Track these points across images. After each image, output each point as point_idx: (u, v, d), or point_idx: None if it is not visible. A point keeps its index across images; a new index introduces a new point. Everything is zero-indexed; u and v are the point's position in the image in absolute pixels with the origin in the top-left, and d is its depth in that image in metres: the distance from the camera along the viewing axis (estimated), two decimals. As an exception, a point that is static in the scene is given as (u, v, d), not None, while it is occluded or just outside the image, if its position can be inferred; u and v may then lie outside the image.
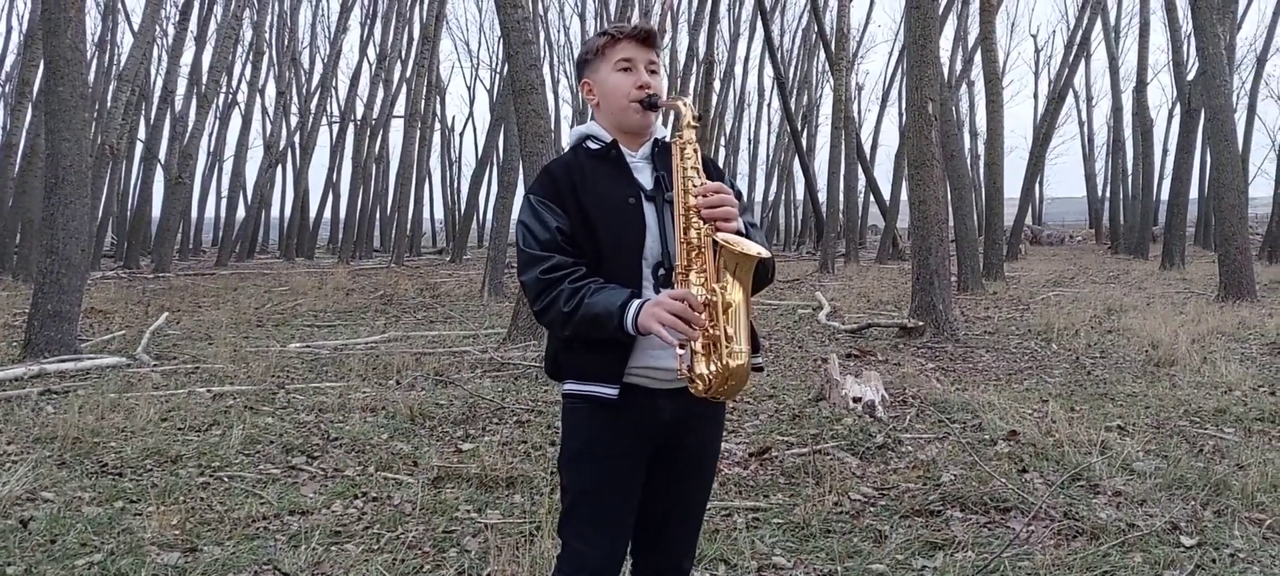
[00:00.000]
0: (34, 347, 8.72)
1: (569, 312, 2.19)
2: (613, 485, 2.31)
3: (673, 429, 2.33)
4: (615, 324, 2.16)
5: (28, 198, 19.17)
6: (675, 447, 2.36)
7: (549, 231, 2.25)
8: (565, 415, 2.36)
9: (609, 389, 2.25)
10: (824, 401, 6.57)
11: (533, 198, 2.31)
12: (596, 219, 2.27)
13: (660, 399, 2.29)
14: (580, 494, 2.33)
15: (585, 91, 2.42)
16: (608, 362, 2.26)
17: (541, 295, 2.23)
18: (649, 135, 2.40)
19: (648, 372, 2.27)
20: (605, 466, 2.30)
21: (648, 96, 2.33)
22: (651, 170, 2.37)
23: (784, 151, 45.64)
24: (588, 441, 2.31)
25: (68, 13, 9.01)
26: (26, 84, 20.99)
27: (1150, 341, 9.34)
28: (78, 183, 9.03)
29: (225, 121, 38.38)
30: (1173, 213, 22.33)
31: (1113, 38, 35.59)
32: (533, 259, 2.25)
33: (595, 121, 2.42)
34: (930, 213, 10.64)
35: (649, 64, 2.35)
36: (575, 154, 2.38)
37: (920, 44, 10.95)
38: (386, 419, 6.27)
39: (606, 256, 2.26)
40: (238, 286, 18.56)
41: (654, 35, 2.40)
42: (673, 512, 2.43)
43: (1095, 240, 40.84)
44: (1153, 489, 4.60)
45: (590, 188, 2.30)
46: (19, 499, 4.51)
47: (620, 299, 2.18)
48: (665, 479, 2.39)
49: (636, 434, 2.30)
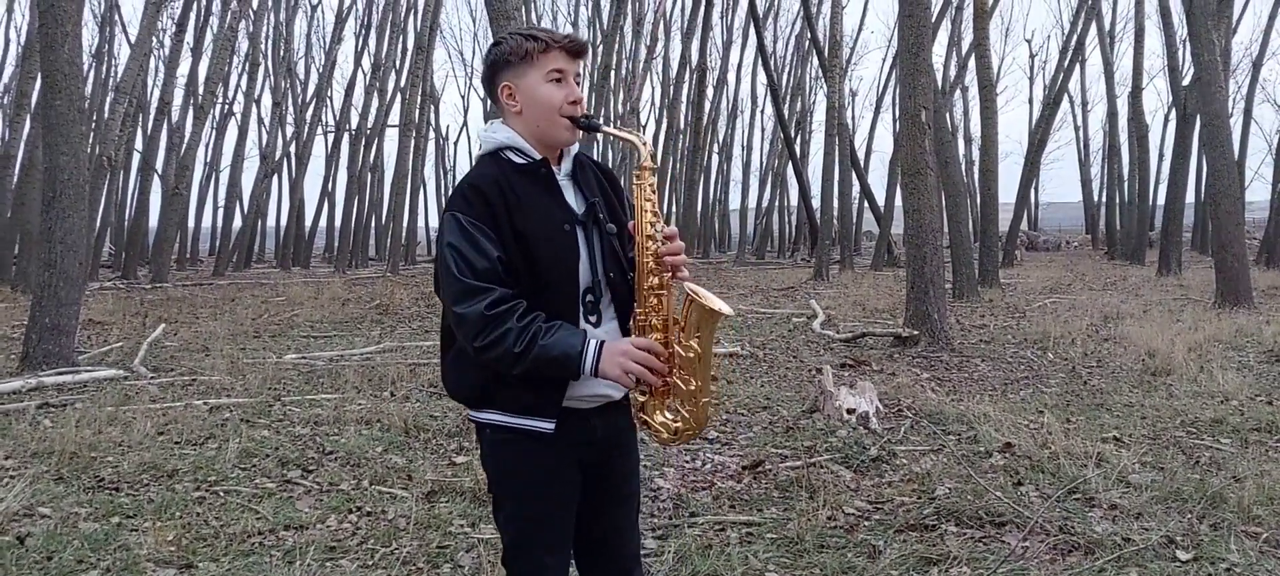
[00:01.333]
0: (32, 360, 8.72)
1: (520, 353, 2.11)
2: (558, 508, 2.32)
3: (603, 446, 2.35)
4: (574, 369, 2.14)
5: (26, 209, 19.14)
6: (605, 464, 2.38)
7: (489, 260, 2.14)
8: (496, 446, 2.30)
9: (546, 424, 2.24)
10: (818, 413, 6.58)
11: (463, 218, 2.16)
12: (533, 246, 2.19)
13: (593, 418, 2.31)
14: (528, 522, 2.31)
15: (505, 96, 2.27)
16: (547, 396, 2.23)
17: (484, 332, 2.11)
18: (568, 151, 2.34)
19: (581, 399, 2.28)
20: (551, 492, 2.30)
21: (584, 117, 2.26)
22: (575, 190, 2.32)
23: (777, 158, 45.67)
24: (530, 472, 2.28)
25: (65, 27, 9.02)
26: (24, 96, 20.98)
27: (1147, 350, 9.36)
28: (75, 196, 9.03)
29: (222, 132, 38.37)
30: (1169, 218, 22.37)
31: (1108, 43, 35.68)
32: (471, 290, 2.12)
33: (508, 128, 2.29)
34: (924, 220, 10.66)
35: (575, 77, 2.28)
36: (499, 167, 2.25)
37: (913, 52, 10.98)
38: (381, 431, 6.27)
39: (542, 284, 2.20)
40: (235, 297, 18.55)
41: (585, 48, 2.32)
42: (612, 531, 2.45)
43: (1092, 246, 40.91)
44: (1149, 502, 4.61)
45: (526, 211, 2.20)
46: (16, 515, 4.51)
47: (577, 342, 2.15)
48: (601, 500, 2.40)
49: (574, 456, 2.31)
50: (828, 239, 24.03)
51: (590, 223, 2.28)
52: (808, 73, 42.72)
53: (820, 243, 23.69)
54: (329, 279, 24.40)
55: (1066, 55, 31.54)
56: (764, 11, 37.14)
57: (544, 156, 2.27)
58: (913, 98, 10.83)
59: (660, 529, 4.40)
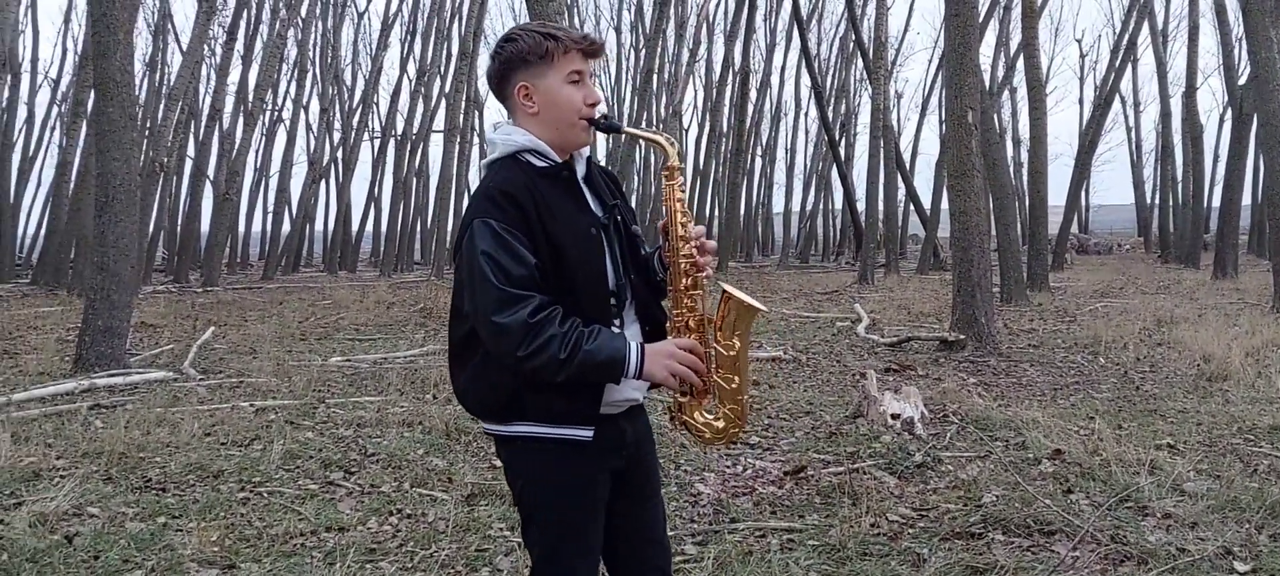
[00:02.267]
0: (85, 362, 8.88)
1: (565, 359, 2.07)
2: (591, 515, 2.30)
3: (632, 448, 2.34)
4: (619, 371, 2.12)
5: (82, 215, 19.54)
6: (632, 466, 2.36)
7: (526, 267, 2.09)
8: (529, 458, 2.25)
9: (584, 431, 2.21)
10: (861, 418, 6.49)
11: (496, 224, 2.10)
12: (566, 250, 2.15)
13: (622, 421, 2.30)
14: (563, 533, 2.28)
15: (521, 96, 2.22)
16: (584, 403, 2.19)
17: (528, 340, 2.06)
18: (581, 154, 2.30)
19: (612, 403, 2.26)
20: (585, 500, 2.28)
21: (603, 118, 2.23)
22: (592, 194, 2.30)
23: (821, 161, 45.43)
24: (567, 480, 2.25)
25: (116, 35, 9.18)
26: (81, 104, 21.47)
27: (1202, 355, 9.14)
28: (127, 201, 9.19)
29: (271, 138, 39.01)
30: (1225, 220, 21.87)
31: (1160, 42, 35.01)
32: (511, 299, 2.07)
33: (525, 130, 2.24)
34: (971, 223, 10.51)
35: (591, 77, 2.26)
36: (523, 171, 2.19)
37: (960, 52, 10.84)
38: (423, 433, 6.29)
39: (577, 290, 2.16)
40: (283, 300, 18.79)
41: (602, 50, 2.29)
42: (643, 529, 2.43)
43: (1144, 249, 40.16)
44: (1204, 511, 4.48)
45: (555, 215, 2.16)
46: (65, 514, 4.58)
47: (620, 345, 2.13)
48: (631, 501, 2.39)
49: (607, 461, 2.29)
50: (873, 242, 23.82)
51: (611, 226, 2.27)
52: (852, 75, 42.47)
53: (865, 246, 23.48)
54: (374, 282, 24.65)
55: (1118, 55, 31.01)
56: (808, 14, 36.98)
57: (564, 160, 2.24)
58: (959, 98, 10.68)
59: (700, 534, 4.36)
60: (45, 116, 37.17)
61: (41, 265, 24.20)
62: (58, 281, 21.64)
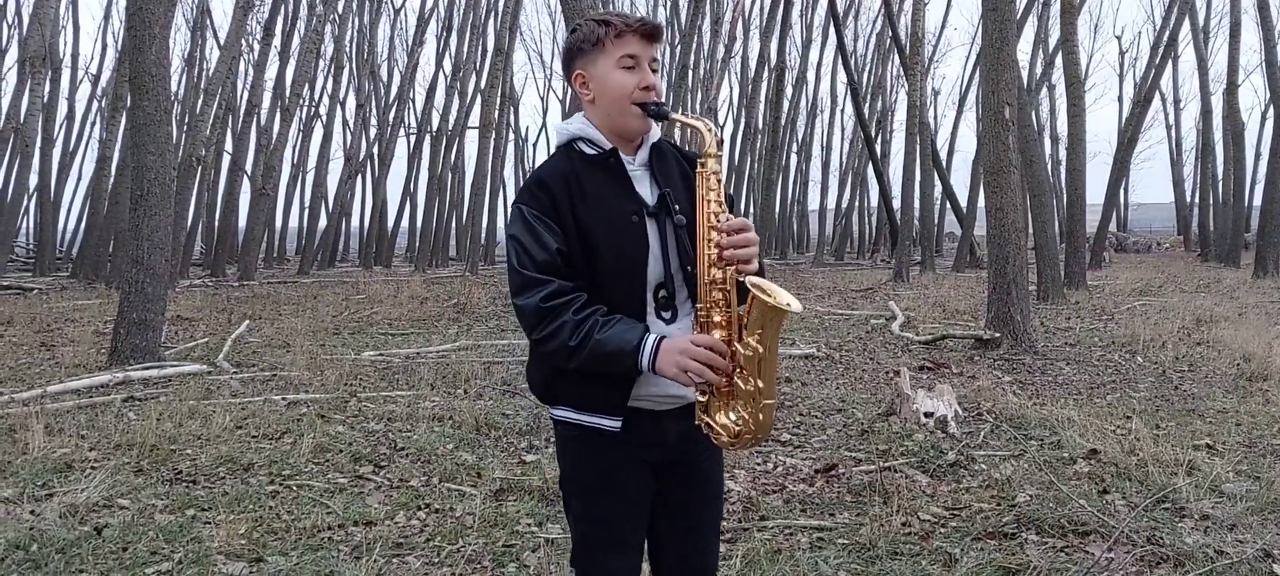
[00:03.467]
0: (120, 355, 8.98)
1: (576, 347, 2.06)
2: (625, 508, 2.24)
3: (677, 449, 2.24)
4: (630, 363, 2.05)
5: (120, 209, 19.80)
6: (679, 468, 2.27)
7: (548, 253, 2.09)
8: (564, 443, 2.25)
9: (612, 421, 2.16)
10: (894, 416, 6.42)
11: (527, 210, 2.12)
12: (596, 238, 2.12)
13: (665, 420, 2.21)
14: (594, 523, 2.25)
15: (578, 84, 2.21)
16: (610, 394, 2.15)
17: (541, 324, 2.08)
18: (645, 139, 2.24)
19: (652, 398, 2.18)
20: (616, 492, 2.22)
21: (655, 104, 2.17)
22: (650, 180, 2.22)
23: (857, 158, 45.11)
24: (596, 470, 2.21)
25: (152, 30, 9.27)
26: (119, 99, 21.73)
27: (1242, 354, 8.96)
28: (162, 195, 9.28)
29: (307, 133, 39.29)
30: (1266, 219, 21.45)
31: (1201, 38, 34.41)
32: (530, 282, 2.09)
33: (585, 119, 2.22)
34: (1008, 220, 10.37)
35: (651, 61, 2.18)
36: (568, 159, 2.19)
37: (996, 47, 10.69)
38: (453, 428, 6.29)
39: (607, 279, 2.13)
40: (318, 294, 18.93)
41: (660, 31, 2.22)
42: (688, 536, 2.34)
43: (1183, 248, 39.51)
44: (1244, 513, 4.38)
45: (590, 201, 2.13)
46: (96, 505, 4.62)
47: (634, 337, 2.06)
48: (676, 502, 2.30)
49: (644, 456, 2.22)
50: (908, 239, 23.60)
51: (663, 214, 2.18)
52: (888, 71, 42.12)
53: (901, 243, 23.28)
54: (409, 278, 24.77)
55: (1158, 51, 30.53)
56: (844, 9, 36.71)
57: (614, 146, 2.19)
58: (996, 94, 10.54)
59: (729, 532, 4.31)
60: (85, 111, 37.53)
61: (81, 258, 24.58)
62: (96, 274, 21.96)
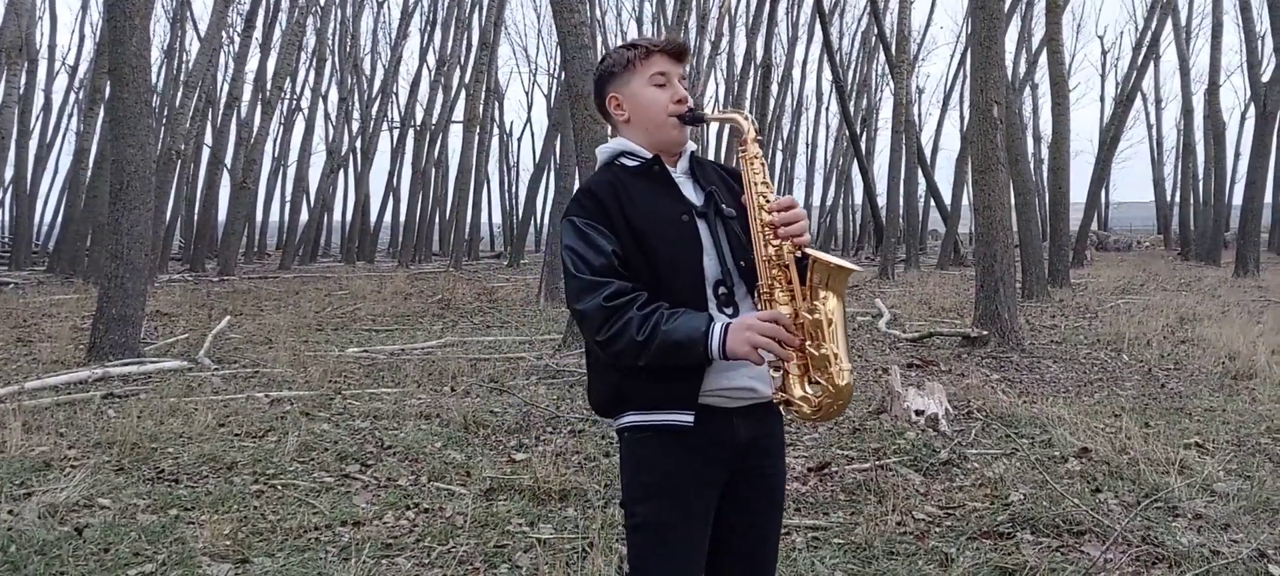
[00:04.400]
0: (98, 350, 8.86)
1: (644, 341, 2.05)
2: (691, 517, 2.19)
3: (747, 450, 2.21)
4: (700, 350, 2.05)
5: (98, 202, 19.60)
6: (749, 472, 2.23)
7: (604, 255, 2.11)
8: (629, 449, 2.22)
9: (685, 416, 2.14)
10: (885, 414, 6.38)
11: (577, 221, 2.16)
12: (650, 238, 2.14)
13: (735, 418, 2.18)
14: (658, 530, 2.19)
15: (613, 107, 2.28)
16: (681, 388, 2.13)
17: (606, 324, 2.08)
18: (683, 150, 2.29)
19: (723, 393, 2.15)
20: (683, 498, 2.17)
21: (689, 111, 2.23)
22: (694, 185, 2.26)
23: (842, 156, 45.17)
24: (664, 473, 2.17)
25: (133, 21, 9.14)
26: (98, 91, 21.51)
27: (1227, 352, 8.99)
28: (142, 188, 9.16)
29: (289, 127, 39.09)
30: (1247, 218, 21.60)
31: (1183, 38, 34.67)
32: (590, 286, 2.10)
33: (624, 138, 2.28)
34: (995, 218, 10.37)
35: (680, 79, 2.26)
36: (613, 171, 2.25)
37: (985, 45, 10.69)
38: (440, 426, 6.22)
39: (665, 277, 2.14)
40: (299, 290, 18.79)
41: (686, 51, 2.30)
42: (752, 547, 2.29)
43: (1164, 246, 39.80)
44: (1236, 512, 4.36)
45: (638, 206, 2.16)
46: (76, 505, 4.53)
47: (701, 323, 2.06)
48: (744, 510, 2.26)
49: (714, 458, 2.18)
50: (893, 237, 23.63)
51: (712, 213, 2.21)
52: (874, 69, 42.16)
53: (886, 241, 23.31)
54: (392, 273, 24.64)
55: (1140, 51, 30.69)
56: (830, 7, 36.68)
57: (655, 155, 2.24)
58: (984, 91, 10.54)
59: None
60: (62, 103, 37.27)
61: (58, 252, 24.32)
62: (74, 269, 21.73)
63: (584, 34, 9.82)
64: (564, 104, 20.16)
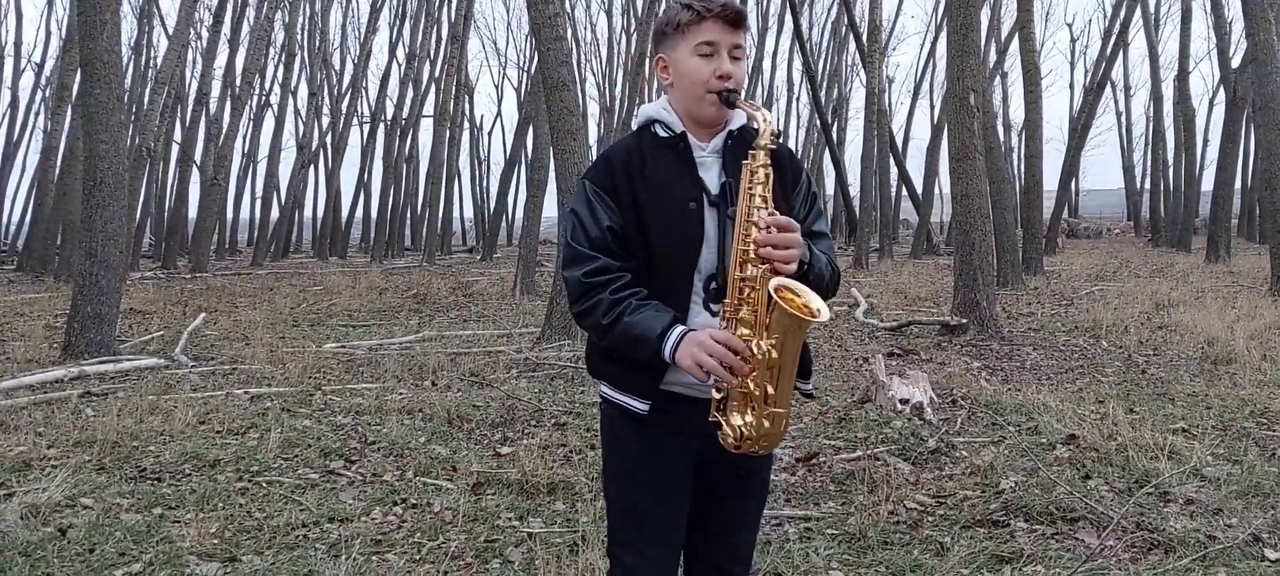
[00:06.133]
0: (74, 349, 8.72)
1: (607, 325, 2.07)
2: (661, 496, 2.19)
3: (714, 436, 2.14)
4: (652, 350, 2.04)
5: (68, 200, 19.32)
6: (720, 458, 2.19)
7: (600, 229, 2.11)
8: (605, 424, 2.25)
9: (640, 404, 2.14)
10: (870, 403, 6.39)
11: (588, 185, 2.16)
12: (651, 220, 2.10)
13: (702, 406, 2.12)
14: (629, 509, 2.21)
15: (659, 68, 2.21)
16: (640, 377, 2.13)
17: (582, 298, 2.11)
18: (723, 126, 2.20)
19: (691, 385, 2.11)
20: (651, 479, 2.19)
21: (726, 91, 2.12)
22: (721, 168, 2.17)
23: (814, 146, 45.26)
24: (632, 455, 2.19)
25: (103, 16, 8.99)
26: (65, 88, 21.19)
27: (1205, 338, 9.07)
28: (115, 185, 9.01)
29: (259, 123, 38.65)
30: (1217, 204, 21.84)
31: (1152, 26, 34.97)
32: (578, 256, 2.12)
33: (666, 104, 2.22)
34: (974, 206, 10.41)
35: (733, 49, 2.13)
36: (639, 139, 2.21)
37: (961, 33, 10.72)
38: (424, 421, 6.16)
39: (657, 262, 2.11)
40: (273, 286, 18.60)
41: (743, 17, 2.18)
42: (726, 524, 2.30)
43: (1134, 232, 40.21)
44: (1228, 496, 4.38)
45: (650, 181, 2.12)
46: (58, 505, 4.44)
47: (660, 325, 2.04)
48: (716, 493, 2.26)
49: (680, 443, 2.17)
50: (866, 227, 23.71)
51: (724, 203, 2.14)
52: (845, 59, 42.27)
53: (859, 231, 23.38)
54: (366, 269, 24.45)
55: (1109, 40, 30.90)
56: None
57: (684, 130, 2.17)
58: (961, 79, 10.57)
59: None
60: (29, 101, 36.59)
61: (27, 251, 23.94)
62: (44, 267, 21.40)
63: (558, 24, 9.73)
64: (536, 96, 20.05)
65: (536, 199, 17.33)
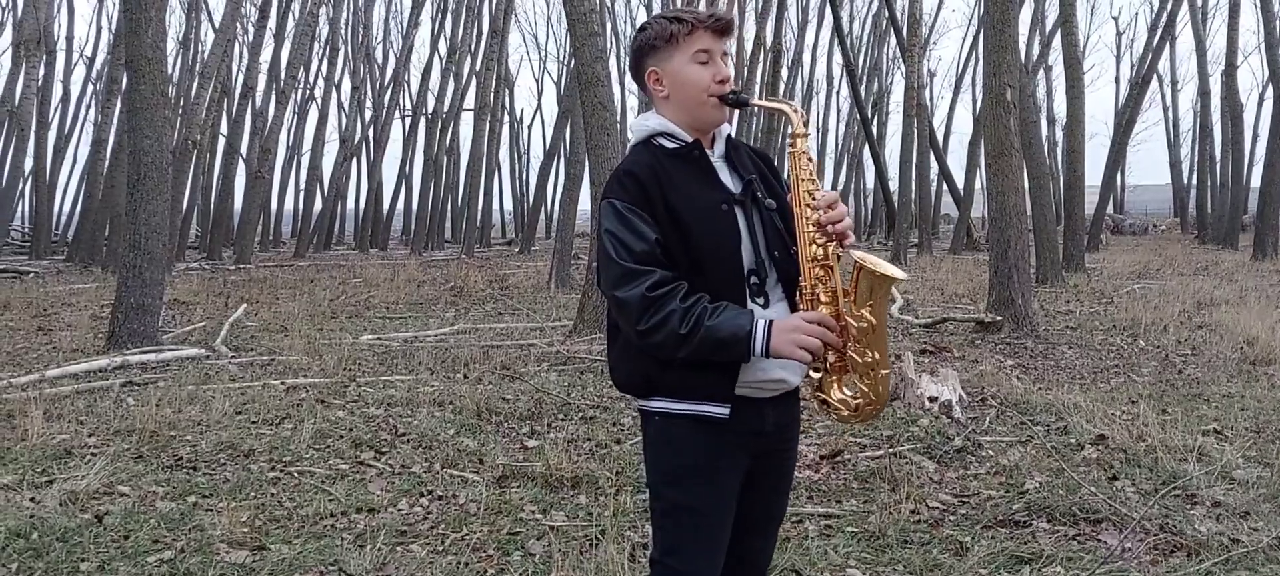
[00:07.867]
0: (117, 339, 8.92)
1: (686, 335, 2.05)
2: (719, 501, 2.22)
3: (772, 436, 2.24)
4: (743, 349, 2.06)
5: (116, 192, 19.67)
6: (771, 457, 2.27)
7: (646, 243, 2.09)
8: (659, 432, 2.21)
9: (720, 409, 2.15)
10: (898, 401, 6.37)
11: (619, 204, 2.13)
12: (691, 226, 2.13)
13: (766, 408, 2.20)
14: (686, 513, 2.21)
15: (652, 82, 2.23)
16: (719, 380, 2.14)
17: (647, 315, 2.06)
18: (719, 132, 2.27)
19: (756, 385, 2.16)
20: (714, 483, 2.20)
21: (732, 93, 2.19)
22: (730, 171, 2.24)
23: (853, 140, 45.00)
24: (696, 459, 2.18)
25: (148, 12, 9.16)
26: (115, 82, 21.58)
27: (1245, 338, 8.93)
28: (159, 178, 9.19)
29: (303, 116, 39.08)
30: (1265, 201, 21.42)
31: (1199, 19, 34.30)
32: (630, 273, 2.08)
33: (660, 115, 2.25)
34: (1009, 203, 10.32)
35: (722, 56, 2.21)
36: (651, 153, 2.21)
37: (998, 28, 10.62)
38: (453, 414, 6.24)
39: (705, 267, 2.13)
40: (314, 278, 18.85)
41: (732, 26, 2.25)
42: (762, 525, 2.36)
43: (1180, 230, 39.51)
44: (1256, 499, 4.34)
45: (679, 191, 2.14)
46: (96, 493, 4.56)
47: (746, 321, 2.07)
48: (759, 491, 2.30)
49: (743, 446, 2.21)
50: (905, 222, 23.54)
51: (749, 202, 2.20)
52: (885, 53, 41.94)
53: (898, 226, 23.22)
54: (405, 261, 24.69)
55: (1155, 33, 30.40)
56: (841, -9, 36.46)
57: (695, 139, 2.22)
58: (997, 75, 10.48)
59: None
60: (80, 94, 37.28)
61: (77, 242, 24.46)
62: (92, 258, 21.86)
63: (594, 21, 9.80)
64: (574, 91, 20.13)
65: (573, 192, 17.43)
